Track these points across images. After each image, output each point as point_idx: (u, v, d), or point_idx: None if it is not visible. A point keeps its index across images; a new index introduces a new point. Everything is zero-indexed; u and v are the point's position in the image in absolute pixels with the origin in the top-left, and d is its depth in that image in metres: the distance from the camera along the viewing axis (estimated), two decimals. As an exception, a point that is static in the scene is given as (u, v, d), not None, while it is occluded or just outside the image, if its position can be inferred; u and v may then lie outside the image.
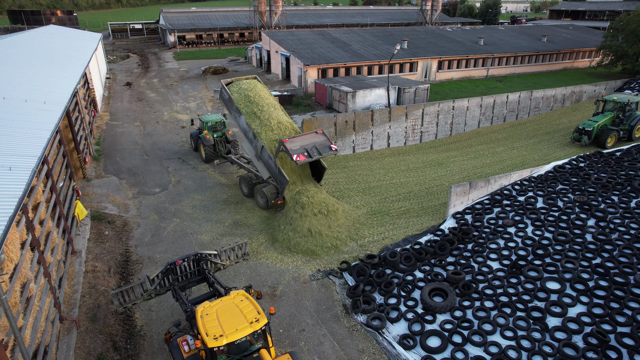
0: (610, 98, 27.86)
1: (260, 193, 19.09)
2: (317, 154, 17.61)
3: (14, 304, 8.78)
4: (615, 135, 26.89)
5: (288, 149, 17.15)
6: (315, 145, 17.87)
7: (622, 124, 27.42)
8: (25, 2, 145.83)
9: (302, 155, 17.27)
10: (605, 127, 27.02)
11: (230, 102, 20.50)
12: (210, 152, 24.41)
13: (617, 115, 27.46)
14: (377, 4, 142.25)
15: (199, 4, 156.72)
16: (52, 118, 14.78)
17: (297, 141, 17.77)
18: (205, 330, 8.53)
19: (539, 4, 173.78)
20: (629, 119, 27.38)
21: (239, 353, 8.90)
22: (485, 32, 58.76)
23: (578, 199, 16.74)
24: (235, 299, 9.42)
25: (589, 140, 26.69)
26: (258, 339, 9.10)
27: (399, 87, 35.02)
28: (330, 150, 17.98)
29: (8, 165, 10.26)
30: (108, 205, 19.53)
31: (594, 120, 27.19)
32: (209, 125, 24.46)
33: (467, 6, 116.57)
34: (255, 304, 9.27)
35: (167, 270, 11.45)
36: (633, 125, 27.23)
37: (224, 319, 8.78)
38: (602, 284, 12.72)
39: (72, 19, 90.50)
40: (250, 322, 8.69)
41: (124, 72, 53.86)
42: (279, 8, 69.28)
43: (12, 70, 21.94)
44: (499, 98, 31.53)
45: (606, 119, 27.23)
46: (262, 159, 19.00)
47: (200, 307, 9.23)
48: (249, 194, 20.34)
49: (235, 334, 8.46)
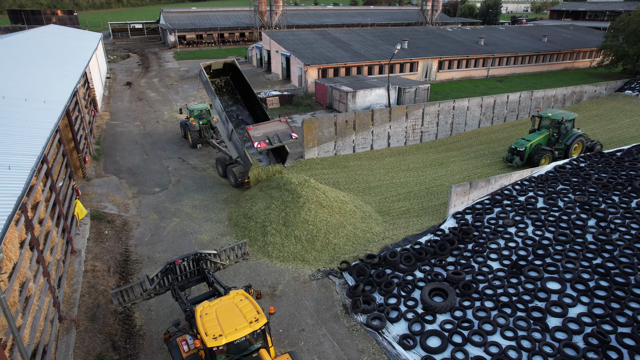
0: (545, 114, 25.11)
1: (231, 172, 21.05)
2: (277, 141, 19.69)
3: (13, 303, 8.76)
4: (549, 155, 24.06)
5: (251, 135, 19.23)
6: (277, 133, 19.82)
7: (557, 142, 24.74)
8: (25, 2, 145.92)
9: (263, 142, 19.38)
10: (539, 147, 24.34)
11: (208, 84, 21.92)
12: (196, 137, 26.97)
13: (553, 134, 24.86)
14: (377, 4, 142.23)
15: (199, 4, 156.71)
16: (51, 117, 14.76)
17: (260, 129, 19.71)
18: (204, 330, 8.50)
19: (540, 4, 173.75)
20: (564, 137, 24.59)
21: (239, 353, 8.87)
22: (485, 32, 58.74)
23: (578, 199, 16.70)
24: (234, 298, 9.39)
25: (522, 161, 24.07)
26: (257, 339, 9.07)
27: (399, 87, 35.00)
28: (290, 138, 20.12)
29: (7, 164, 10.23)
30: (108, 205, 19.51)
31: (527, 138, 24.60)
32: (195, 113, 26.97)
33: (468, 6, 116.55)
34: (255, 304, 9.23)
35: (166, 269, 11.40)
36: (569, 145, 24.39)
37: (223, 318, 8.75)
38: (603, 284, 12.68)
39: (73, 19, 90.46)
40: (250, 322, 8.67)
41: (125, 71, 53.86)
42: (280, 8, 69.27)
43: (12, 69, 21.93)
44: (500, 98, 31.50)
45: (540, 137, 24.61)
46: (232, 140, 20.83)
47: (200, 306, 9.20)
48: (223, 174, 22.38)
49: (234, 333, 8.44)
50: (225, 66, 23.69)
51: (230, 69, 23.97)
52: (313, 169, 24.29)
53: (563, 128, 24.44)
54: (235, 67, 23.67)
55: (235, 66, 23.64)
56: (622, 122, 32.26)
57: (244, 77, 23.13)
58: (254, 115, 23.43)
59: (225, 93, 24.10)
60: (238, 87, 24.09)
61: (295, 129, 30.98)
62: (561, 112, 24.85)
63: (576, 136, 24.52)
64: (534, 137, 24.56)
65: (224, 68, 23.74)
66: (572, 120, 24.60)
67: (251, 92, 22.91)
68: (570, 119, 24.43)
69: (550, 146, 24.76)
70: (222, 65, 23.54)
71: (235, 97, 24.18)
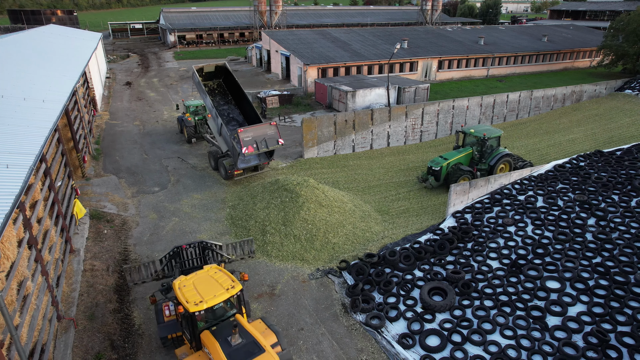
0: (467, 130, 21.99)
1: (222, 165, 21.95)
2: (264, 146, 20.65)
3: (10, 302, 8.73)
4: (468, 177, 20.89)
5: (240, 139, 19.85)
6: (265, 138, 20.74)
7: (480, 162, 21.84)
8: (25, 2, 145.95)
9: (251, 147, 20.19)
10: (458, 167, 21.18)
11: (199, 85, 22.82)
12: (191, 132, 27.62)
13: (476, 152, 21.82)
14: (377, 4, 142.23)
15: (199, 4, 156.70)
16: (50, 116, 14.73)
17: (250, 132, 20.41)
18: (185, 299, 9.19)
19: (540, 4, 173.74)
20: (488, 156, 21.65)
21: (216, 319, 9.70)
22: (485, 32, 58.72)
23: (578, 198, 16.68)
24: (209, 271, 10.21)
25: (437, 181, 21.22)
26: (232, 307, 9.99)
27: (399, 87, 34.98)
28: (277, 144, 21.14)
29: (5, 162, 10.21)
30: (107, 204, 19.48)
31: (445, 157, 21.52)
32: (191, 109, 27.70)
33: (468, 6, 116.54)
34: (229, 274, 10.02)
35: (173, 253, 12.38)
36: (493, 165, 21.36)
37: (201, 288, 9.52)
38: (603, 283, 12.65)
39: (73, 19, 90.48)
40: (227, 289, 9.44)
41: (124, 71, 53.84)
42: (279, 8, 69.26)
43: (12, 68, 21.90)
44: (499, 97, 31.47)
45: (461, 155, 21.49)
46: (222, 134, 21.69)
47: (177, 280, 9.94)
48: (215, 166, 23.26)
49: (214, 299, 9.17)
50: (217, 69, 24.36)
51: (223, 71, 24.63)
52: (312, 169, 24.27)
53: (487, 146, 21.48)
54: (226, 69, 24.35)
55: (226, 69, 24.33)
56: (622, 121, 32.23)
57: (235, 79, 23.86)
58: (244, 114, 24.00)
59: (217, 94, 24.74)
60: (230, 89, 24.78)
61: (295, 129, 30.99)
62: (485, 128, 21.80)
63: (501, 156, 21.41)
64: (452, 156, 21.47)
65: (216, 70, 24.42)
66: (497, 138, 21.65)
67: (242, 93, 23.66)
68: (494, 136, 21.39)
69: (473, 166, 21.81)
70: (214, 68, 24.25)
71: (226, 97, 24.82)
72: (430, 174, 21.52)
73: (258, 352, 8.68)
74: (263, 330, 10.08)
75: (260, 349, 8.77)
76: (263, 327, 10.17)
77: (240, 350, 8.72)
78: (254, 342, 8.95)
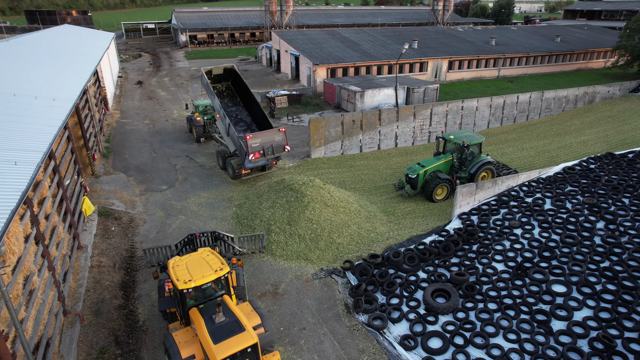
0: (447, 136, 20.79)
1: (229, 164, 22.15)
2: (271, 153, 21.05)
3: (15, 296, 8.90)
4: (446, 186, 20.00)
5: (248, 145, 20.16)
6: (272, 144, 21.03)
7: (460, 170, 20.68)
8: (42, 3, 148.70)
9: (257, 153, 20.59)
10: (435, 175, 20.14)
11: (208, 87, 23.29)
12: (200, 131, 27.84)
13: (455, 159, 20.76)
14: (388, 4, 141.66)
15: (210, 4, 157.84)
16: (60, 115, 14.98)
17: (258, 138, 20.60)
18: (176, 277, 9.89)
19: (554, 4, 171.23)
20: (469, 164, 20.46)
21: (205, 298, 10.35)
22: (497, 32, 58.11)
23: (587, 201, 16.42)
24: (202, 254, 10.90)
25: (414, 189, 20.31)
26: (222, 288, 10.58)
27: (408, 87, 34.81)
28: (284, 151, 21.50)
29: (14, 159, 10.41)
30: (115, 202, 19.74)
31: (422, 164, 20.47)
32: (200, 109, 27.82)
33: (480, 6, 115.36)
34: (220, 258, 10.64)
35: (188, 240, 13.12)
36: (474, 173, 20.19)
37: (192, 268, 10.19)
38: (610, 287, 12.45)
39: (87, 19, 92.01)
40: (215, 270, 10.08)
41: (136, 70, 54.48)
42: (290, 8, 69.43)
43: (24, 68, 22.33)
44: (509, 98, 31.11)
45: (439, 163, 20.43)
46: (230, 134, 22.01)
47: (172, 260, 10.68)
48: (223, 166, 23.53)
49: (202, 279, 9.82)
50: (225, 71, 24.69)
51: (231, 74, 24.94)
52: (319, 169, 24.28)
53: (467, 154, 20.36)
54: (235, 72, 24.64)
55: (235, 71, 24.62)
56: (635, 123, 31.62)
57: (244, 81, 24.17)
58: (252, 115, 24.23)
59: (225, 96, 25.03)
60: (239, 91, 25.07)
61: (302, 129, 31.03)
62: (465, 135, 20.84)
63: (482, 164, 20.23)
64: (430, 163, 20.45)
65: (224, 73, 24.75)
66: (477, 145, 20.58)
67: (250, 95, 23.91)
68: (474, 142, 20.22)
69: (453, 174, 20.82)
70: (222, 70, 24.60)
71: (235, 99, 25.09)
72: (407, 182, 20.68)
73: (239, 330, 9.23)
74: (249, 312, 10.64)
75: (241, 328, 9.30)
76: (249, 310, 10.75)
77: (223, 327, 9.31)
78: (236, 321, 9.48)
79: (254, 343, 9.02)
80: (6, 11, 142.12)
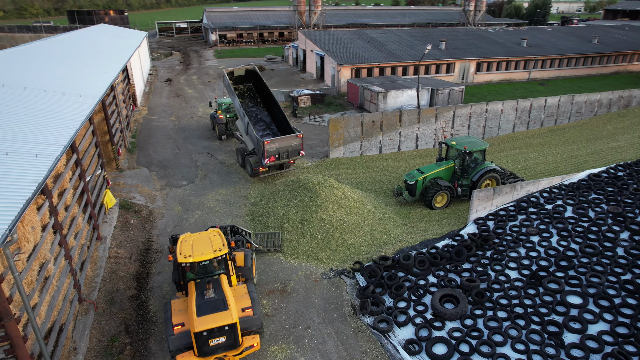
0: (449, 142, 20.17)
1: (248, 162, 22.62)
2: (286, 157, 21.80)
3: (29, 282, 9.36)
4: (446, 193, 19.44)
5: (265, 150, 20.83)
6: (289, 149, 21.66)
7: (462, 177, 19.93)
8: (84, 3, 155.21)
9: (273, 157, 21.35)
10: (435, 182, 19.49)
11: (229, 87, 23.93)
12: (222, 129, 28.46)
13: (457, 166, 20.01)
14: (419, 4, 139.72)
15: (241, 4, 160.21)
16: (84, 110, 15.61)
17: (276, 142, 21.21)
18: (179, 251, 10.79)
19: (594, 4, 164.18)
20: (472, 171, 19.71)
21: (205, 274, 11.12)
22: (529, 34, 56.35)
23: (612, 209, 15.69)
24: (210, 233, 11.65)
25: (412, 196, 19.74)
26: (221, 266, 11.26)
27: (432, 89, 34.27)
28: (298, 155, 22.20)
29: (35, 152, 10.94)
30: (136, 196, 20.39)
31: (422, 170, 19.84)
32: (223, 107, 28.52)
33: (514, 6, 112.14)
34: (224, 239, 11.31)
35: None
36: (476, 181, 19.43)
37: (196, 245, 11.00)
38: (630, 302, 11.84)
39: (124, 19, 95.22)
40: (214, 250, 10.81)
41: (166, 68, 56.02)
42: (319, 8, 69.59)
43: (58, 65, 23.38)
44: (537, 102, 30.11)
45: (440, 169, 19.78)
46: (249, 133, 22.52)
47: (182, 236, 11.55)
48: (242, 163, 23.98)
49: (200, 256, 10.62)
50: (247, 72, 25.24)
51: (253, 75, 25.41)
52: (337, 169, 24.28)
53: (470, 160, 19.61)
54: (256, 73, 25.12)
55: (256, 73, 25.11)
56: (674, 130, 29.99)
57: (265, 82, 24.64)
58: (272, 116, 24.61)
59: (247, 97, 25.57)
60: (260, 92, 25.57)
61: (323, 128, 31.09)
62: (468, 141, 20.14)
63: (485, 171, 19.43)
64: (430, 169, 19.83)
65: (246, 74, 25.28)
66: (481, 151, 19.79)
67: (271, 96, 24.29)
68: (477, 149, 19.47)
69: (454, 181, 20.05)
70: (244, 72, 25.17)
71: (255, 100, 25.59)
72: (405, 188, 20.06)
73: (222, 308, 9.92)
74: (242, 294, 11.18)
75: (225, 306, 9.97)
76: (243, 292, 11.28)
77: (209, 303, 10.05)
78: (223, 300, 10.14)
79: (232, 322, 9.71)
80: (51, 11, 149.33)
